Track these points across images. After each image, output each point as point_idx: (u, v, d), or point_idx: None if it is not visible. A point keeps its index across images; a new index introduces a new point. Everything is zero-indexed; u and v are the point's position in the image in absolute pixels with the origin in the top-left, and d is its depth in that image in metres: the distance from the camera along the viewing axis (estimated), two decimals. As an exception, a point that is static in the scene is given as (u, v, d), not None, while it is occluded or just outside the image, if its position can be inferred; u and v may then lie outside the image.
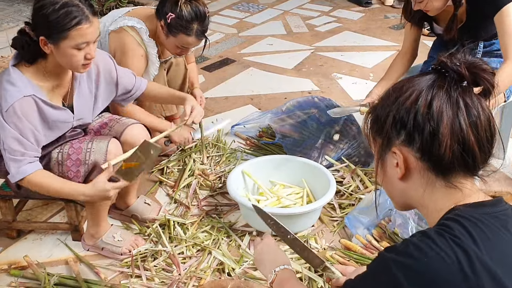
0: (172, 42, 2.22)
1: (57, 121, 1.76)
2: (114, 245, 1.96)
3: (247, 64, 3.83)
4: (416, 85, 0.91)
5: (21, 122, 1.63)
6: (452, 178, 0.90)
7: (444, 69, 0.90)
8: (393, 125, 0.91)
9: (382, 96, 0.96)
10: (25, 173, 1.68)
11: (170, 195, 2.33)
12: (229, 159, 2.61)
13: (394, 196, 1.01)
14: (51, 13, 1.55)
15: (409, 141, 0.90)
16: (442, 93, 0.87)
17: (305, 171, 2.27)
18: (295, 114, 2.71)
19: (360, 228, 2.04)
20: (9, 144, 1.64)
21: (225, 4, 5.32)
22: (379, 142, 0.96)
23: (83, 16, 1.58)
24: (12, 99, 1.60)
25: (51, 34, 1.58)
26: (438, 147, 0.87)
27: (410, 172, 0.93)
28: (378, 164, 0.99)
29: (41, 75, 1.70)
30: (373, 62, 3.86)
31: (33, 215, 2.22)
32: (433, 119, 0.87)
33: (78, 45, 1.60)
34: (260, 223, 2.04)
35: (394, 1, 5.25)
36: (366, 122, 0.99)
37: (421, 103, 0.88)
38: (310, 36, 4.42)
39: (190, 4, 2.14)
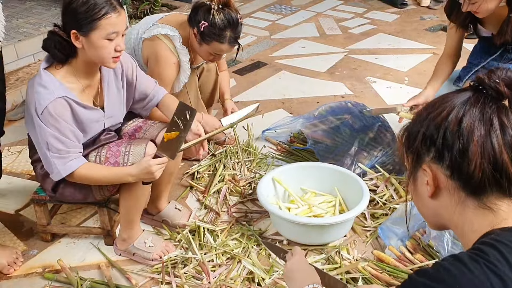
0: (206, 49, 2.21)
1: (89, 121, 1.79)
2: (145, 250, 1.97)
3: (278, 67, 3.80)
4: (450, 101, 0.88)
5: (58, 122, 1.67)
6: (484, 198, 0.86)
7: (482, 86, 0.86)
8: (423, 142, 0.90)
9: (416, 113, 0.95)
10: (72, 168, 1.73)
11: (201, 200, 2.33)
12: (259, 164, 2.59)
13: (426, 215, 0.99)
14: (80, 6, 1.60)
15: (439, 158, 0.88)
16: (475, 110, 0.84)
17: (337, 179, 2.22)
18: (328, 119, 2.67)
19: (394, 239, 1.99)
20: (52, 144, 1.69)
21: (258, 6, 5.31)
22: (410, 159, 0.94)
23: (110, 6, 1.62)
24: (45, 101, 1.65)
25: (81, 26, 1.62)
26: (467, 166, 0.84)
27: (440, 190, 0.90)
28: (409, 181, 0.97)
29: (72, 76, 1.74)
30: (408, 65, 3.76)
31: (67, 219, 2.26)
32: (462, 136, 0.84)
33: (108, 35, 1.63)
34: (291, 232, 2.02)
35: (430, 2, 5.11)
36: (400, 139, 0.97)
37: (451, 120, 0.86)
38: (343, 39, 4.35)
39: (222, 11, 2.13)
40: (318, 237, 2.00)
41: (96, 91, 1.84)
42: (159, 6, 4.54)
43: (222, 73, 2.65)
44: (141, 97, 1.98)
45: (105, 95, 1.85)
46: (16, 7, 4.39)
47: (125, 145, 1.86)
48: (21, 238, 2.16)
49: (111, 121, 1.91)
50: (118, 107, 1.92)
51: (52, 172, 1.75)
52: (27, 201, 2.38)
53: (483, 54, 2.23)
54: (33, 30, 3.81)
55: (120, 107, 1.93)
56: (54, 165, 1.72)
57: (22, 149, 2.80)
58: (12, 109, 3.24)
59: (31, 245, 2.12)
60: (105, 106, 1.85)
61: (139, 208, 1.96)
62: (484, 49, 2.24)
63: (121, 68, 1.89)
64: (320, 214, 2.12)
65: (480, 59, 2.23)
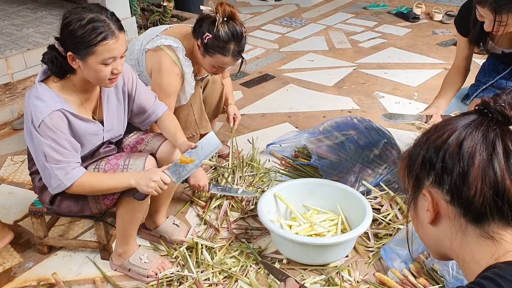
0: (209, 61, 2.19)
1: (86, 133, 1.76)
2: (140, 267, 1.94)
3: (286, 80, 3.77)
4: (452, 124, 0.84)
5: (55, 134, 1.65)
6: (486, 226, 0.81)
7: (487, 110, 0.81)
8: (423, 165, 0.85)
9: (417, 137, 0.90)
10: (74, 178, 1.70)
11: (200, 215, 2.29)
12: (262, 179, 2.54)
13: (427, 243, 0.93)
14: (77, 29, 1.56)
15: (439, 183, 0.83)
16: (477, 133, 0.80)
17: (340, 197, 2.17)
18: (333, 135, 2.62)
19: (397, 261, 1.92)
20: (50, 155, 1.66)
21: (268, 18, 5.29)
22: (411, 183, 0.89)
23: (109, 32, 1.58)
24: (42, 114, 1.62)
25: (78, 50, 1.59)
26: (468, 190, 0.79)
27: (440, 217, 0.85)
28: (410, 207, 0.92)
29: (69, 90, 1.71)
30: (418, 80, 3.70)
31: (64, 231, 2.24)
32: (463, 160, 0.79)
33: (104, 60, 1.60)
34: (291, 251, 1.97)
35: (443, 17, 5.05)
36: (401, 163, 0.92)
37: (451, 142, 0.81)
38: (353, 53, 4.31)
39: (227, 24, 2.11)
40: (319, 257, 1.94)
41: (95, 104, 1.81)
42: (169, 17, 4.54)
43: (225, 80, 2.62)
44: (139, 110, 1.95)
45: (104, 108, 1.82)
46: (28, 16, 4.43)
47: (124, 158, 1.83)
48: (17, 250, 2.14)
49: (111, 134, 1.88)
50: (118, 119, 1.89)
51: (52, 185, 1.72)
52: (26, 212, 2.35)
53: (491, 72, 2.17)
54: (42, 39, 3.83)
55: (121, 120, 1.90)
56: (55, 176, 1.69)
57: (25, 159, 2.79)
58: (18, 118, 3.25)
59: (28, 257, 2.10)
60: (104, 119, 1.82)
61: (136, 223, 1.92)
62: (493, 67, 2.18)
63: (122, 80, 1.87)
64: (321, 233, 2.07)
65: (489, 77, 2.17)
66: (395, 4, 5.63)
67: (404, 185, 0.93)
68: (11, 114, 3.26)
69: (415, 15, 5.10)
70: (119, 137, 1.97)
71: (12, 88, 3.44)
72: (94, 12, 1.59)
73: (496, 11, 1.76)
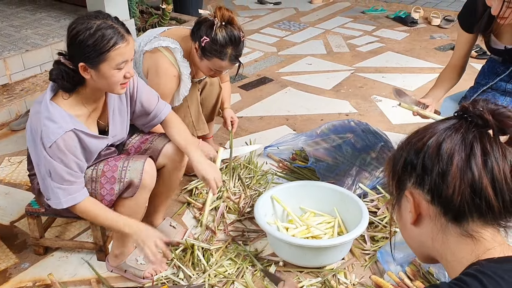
0: (206, 64, 2.19)
1: (96, 148, 1.77)
2: (136, 268, 1.93)
3: (284, 83, 3.78)
4: (432, 128, 0.88)
5: (65, 156, 1.64)
6: (466, 225, 0.84)
7: (467, 114, 0.86)
8: (404, 167, 0.89)
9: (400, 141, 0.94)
10: (75, 201, 1.71)
11: (197, 217, 2.29)
12: (259, 181, 2.54)
13: (411, 245, 0.96)
14: (87, 38, 1.55)
15: (420, 183, 0.87)
16: (456, 136, 0.84)
17: (337, 199, 2.17)
18: (330, 138, 2.63)
19: (393, 264, 1.92)
20: (56, 174, 1.65)
21: (267, 22, 5.31)
22: (394, 186, 0.93)
23: (119, 36, 1.58)
24: (54, 136, 1.60)
25: (90, 59, 1.57)
26: (446, 189, 0.83)
27: (422, 217, 0.89)
28: (394, 209, 0.96)
29: (79, 104, 1.70)
30: (416, 84, 3.71)
31: (61, 232, 2.23)
32: (442, 160, 0.83)
33: (118, 65, 1.60)
34: (287, 253, 1.97)
35: (441, 21, 5.07)
36: (386, 166, 0.96)
37: (431, 144, 0.85)
38: (350, 56, 4.32)
39: (225, 28, 2.11)
40: (315, 259, 1.94)
41: (101, 111, 1.81)
42: (167, 19, 4.55)
43: (223, 84, 2.63)
44: (142, 112, 1.94)
45: (110, 115, 1.82)
46: (26, 17, 4.44)
47: (123, 160, 1.82)
48: (13, 251, 2.13)
49: (115, 139, 1.88)
50: (121, 123, 1.88)
51: (50, 198, 1.72)
52: (23, 212, 2.35)
53: (491, 74, 2.18)
54: (41, 41, 3.84)
55: (124, 122, 1.90)
56: (55, 194, 1.69)
57: (22, 160, 2.79)
58: (16, 118, 3.25)
59: (23, 257, 2.09)
60: (109, 126, 1.82)
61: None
62: (492, 69, 2.18)
63: None
64: (318, 235, 2.07)
65: (488, 79, 2.18)
66: (393, 8, 5.65)
67: (388, 188, 0.97)
68: (9, 115, 3.26)
69: (413, 20, 5.12)
70: (122, 140, 1.96)
71: (10, 89, 3.44)
72: (99, 18, 1.58)
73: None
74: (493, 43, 2.09)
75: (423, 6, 5.47)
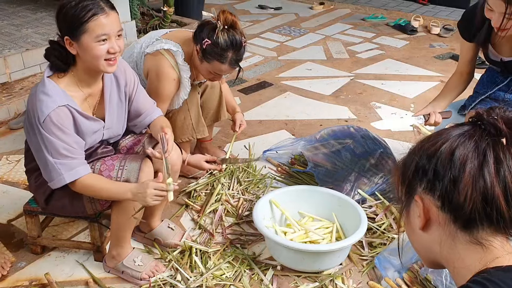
0: (206, 67, 2.20)
1: (89, 131, 1.77)
2: (134, 269, 1.93)
3: (284, 88, 3.79)
4: (445, 134, 0.87)
5: (59, 130, 1.65)
6: (476, 232, 0.84)
7: (480, 122, 0.85)
8: (415, 172, 0.88)
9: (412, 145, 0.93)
10: (78, 174, 1.70)
11: (195, 220, 2.28)
12: (258, 185, 2.54)
13: (419, 250, 0.95)
14: (68, 10, 1.61)
15: (431, 189, 0.86)
16: (469, 143, 0.83)
17: (336, 205, 2.17)
18: (329, 143, 2.63)
19: (391, 271, 1.93)
20: (55, 151, 1.66)
21: (267, 27, 5.32)
22: (404, 191, 0.93)
23: (98, 8, 1.62)
24: (47, 109, 1.63)
25: (72, 31, 1.61)
26: (458, 196, 0.82)
27: (431, 223, 0.88)
28: (402, 213, 0.95)
29: (74, 85, 1.72)
30: (414, 92, 3.73)
31: (58, 231, 2.22)
32: (454, 167, 0.83)
33: (98, 37, 1.62)
34: (285, 258, 1.96)
35: (440, 30, 5.10)
36: (395, 171, 0.95)
37: (444, 150, 0.85)
38: (350, 63, 4.34)
39: (227, 32, 2.12)
40: (312, 264, 1.94)
41: (97, 101, 1.82)
42: (168, 22, 4.56)
43: (222, 86, 2.63)
44: (135, 114, 1.96)
45: (106, 105, 1.83)
46: (27, 16, 4.44)
47: (120, 159, 1.83)
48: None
49: (110, 133, 1.88)
50: (118, 118, 1.90)
51: (53, 179, 1.70)
52: (20, 211, 2.34)
53: (489, 83, 2.19)
54: (41, 40, 3.83)
55: (121, 119, 1.91)
56: (57, 170, 1.68)
57: (20, 158, 2.78)
58: (15, 117, 3.24)
59: (20, 256, 2.08)
60: (106, 116, 1.83)
61: (131, 225, 1.92)
62: (491, 79, 2.20)
63: (125, 81, 1.88)
64: (316, 240, 2.07)
65: (487, 89, 2.19)
66: (393, 16, 5.68)
67: (397, 192, 0.96)
68: (8, 114, 3.25)
69: (413, 28, 5.14)
70: (118, 137, 1.97)
71: (9, 88, 3.43)
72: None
73: (509, 1, 1.74)
74: (491, 54, 2.11)
75: (423, 15, 5.50)
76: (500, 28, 1.84)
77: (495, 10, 1.81)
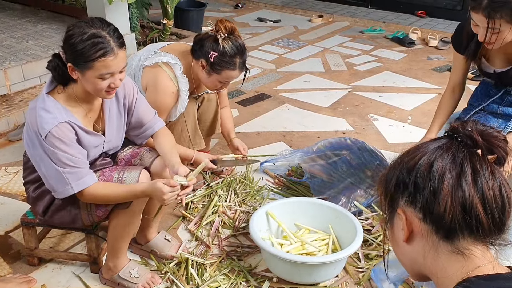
0: (215, 78, 2.22)
1: (90, 146, 1.78)
2: (130, 281, 1.93)
3: (282, 100, 3.81)
4: (423, 148, 0.90)
5: (63, 143, 1.66)
6: (457, 242, 0.86)
7: (457, 135, 0.89)
8: (397, 185, 0.91)
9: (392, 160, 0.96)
10: (85, 184, 1.71)
11: (192, 231, 2.29)
12: (255, 197, 2.55)
13: (404, 262, 0.97)
14: (78, 43, 1.59)
15: (412, 201, 0.89)
16: (447, 155, 0.87)
17: (332, 217, 2.18)
18: (326, 154, 2.65)
19: (386, 282, 1.92)
20: (60, 161, 1.66)
21: (266, 39, 5.37)
22: (387, 204, 0.95)
23: (108, 48, 1.61)
24: (48, 126, 1.64)
25: (77, 63, 1.62)
26: (438, 207, 0.85)
27: (414, 235, 0.91)
28: (386, 227, 0.97)
29: (73, 101, 1.73)
30: (412, 104, 3.75)
31: (55, 243, 2.23)
32: (433, 179, 0.86)
33: (102, 76, 1.63)
34: (281, 269, 1.97)
35: (438, 43, 5.14)
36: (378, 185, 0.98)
37: (422, 163, 0.88)
38: (348, 75, 4.37)
39: (230, 39, 2.16)
40: (308, 276, 1.94)
41: (98, 115, 1.84)
42: (168, 34, 4.59)
43: (224, 110, 2.64)
44: (137, 124, 1.96)
45: (106, 119, 1.84)
46: (28, 29, 4.48)
47: (118, 171, 1.84)
48: (7, 261, 2.13)
49: (109, 145, 1.90)
50: (118, 131, 1.91)
51: (59, 188, 1.70)
52: (18, 223, 2.35)
53: (483, 96, 2.21)
54: (42, 52, 3.87)
55: (120, 132, 1.92)
56: (64, 180, 1.68)
57: (19, 170, 2.79)
58: (14, 129, 3.26)
59: (17, 268, 2.09)
60: (106, 130, 1.84)
61: (128, 237, 1.92)
62: (485, 91, 2.22)
63: (123, 93, 1.89)
64: (312, 252, 2.07)
65: (481, 101, 2.21)
66: (391, 29, 5.73)
67: (381, 206, 0.99)
68: (7, 125, 3.27)
69: (411, 41, 5.18)
70: (116, 149, 1.98)
71: (9, 100, 3.46)
72: (96, 27, 1.62)
73: (490, 16, 1.81)
74: (484, 66, 2.13)
75: (420, 28, 5.54)
76: (485, 42, 1.90)
77: (479, 25, 1.87)
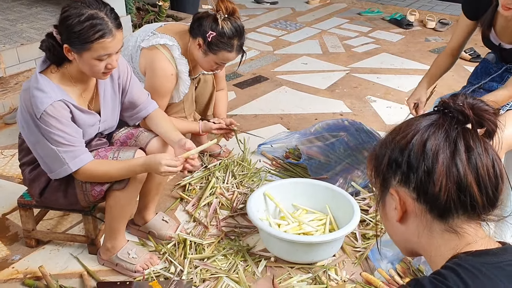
0: (211, 59, 2.19)
1: (86, 125, 1.77)
2: (128, 261, 1.93)
3: (279, 82, 3.79)
4: (415, 125, 0.87)
5: (58, 122, 1.65)
6: (451, 221, 0.85)
7: (448, 110, 0.86)
8: (389, 165, 0.88)
9: (382, 137, 0.93)
10: (82, 162, 1.71)
11: (190, 213, 2.29)
12: (252, 179, 2.55)
13: (396, 241, 0.96)
14: (76, 25, 1.57)
15: (405, 181, 0.87)
16: (440, 132, 0.84)
17: (329, 197, 2.18)
18: (323, 136, 2.64)
19: (384, 262, 1.94)
20: (56, 141, 1.66)
21: (263, 21, 5.32)
22: (378, 183, 0.93)
23: (106, 30, 1.59)
24: (43, 105, 1.62)
25: (74, 44, 1.60)
26: (433, 187, 0.83)
27: (408, 215, 0.89)
28: (378, 206, 0.95)
29: (67, 80, 1.72)
30: (410, 86, 3.73)
31: (53, 225, 2.23)
32: (427, 158, 0.83)
33: (100, 57, 1.62)
34: (278, 249, 1.98)
35: (436, 24, 5.11)
36: (368, 163, 0.95)
37: (415, 142, 0.85)
38: (346, 57, 4.34)
39: (229, 20, 2.13)
40: (306, 255, 1.95)
41: (92, 95, 1.82)
42: (164, 16, 4.54)
43: (220, 92, 2.61)
44: (130, 105, 1.95)
45: (101, 98, 1.83)
46: (22, 12, 4.42)
47: (113, 151, 1.83)
48: (5, 243, 2.13)
49: (105, 125, 1.89)
50: (113, 111, 1.90)
51: (55, 169, 1.70)
52: (15, 205, 2.34)
53: (483, 74, 2.20)
54: (36, 35, 3.82)
55: (115, 111, 1.91)
56: (61, 160, 1.68)
57: (15, 153, 2.76)
58: (9, 112, 3.24)
59: (15, 250, 2.09)
60: (101, 109, 1.83)
61: (125, 218, 1.92)
62: (485, 70, 2.21)
63: (118, 73, 1.88)
64: (309, 232, 2.08)
65: (480, 79, 2.20)
66: (389, 10, 5.68)
67: (372, 185, 0.97)
68: (3, 109, 3.25)
69: (409, 22, 5.15)
70: (111, 130, 1.97)
71: (4, 83, 3.43)
72: (93, 8, 1.60)
73: None
74: (491, 36, 2.09)
75: (418, 9, 5.50)
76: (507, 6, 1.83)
77: None
